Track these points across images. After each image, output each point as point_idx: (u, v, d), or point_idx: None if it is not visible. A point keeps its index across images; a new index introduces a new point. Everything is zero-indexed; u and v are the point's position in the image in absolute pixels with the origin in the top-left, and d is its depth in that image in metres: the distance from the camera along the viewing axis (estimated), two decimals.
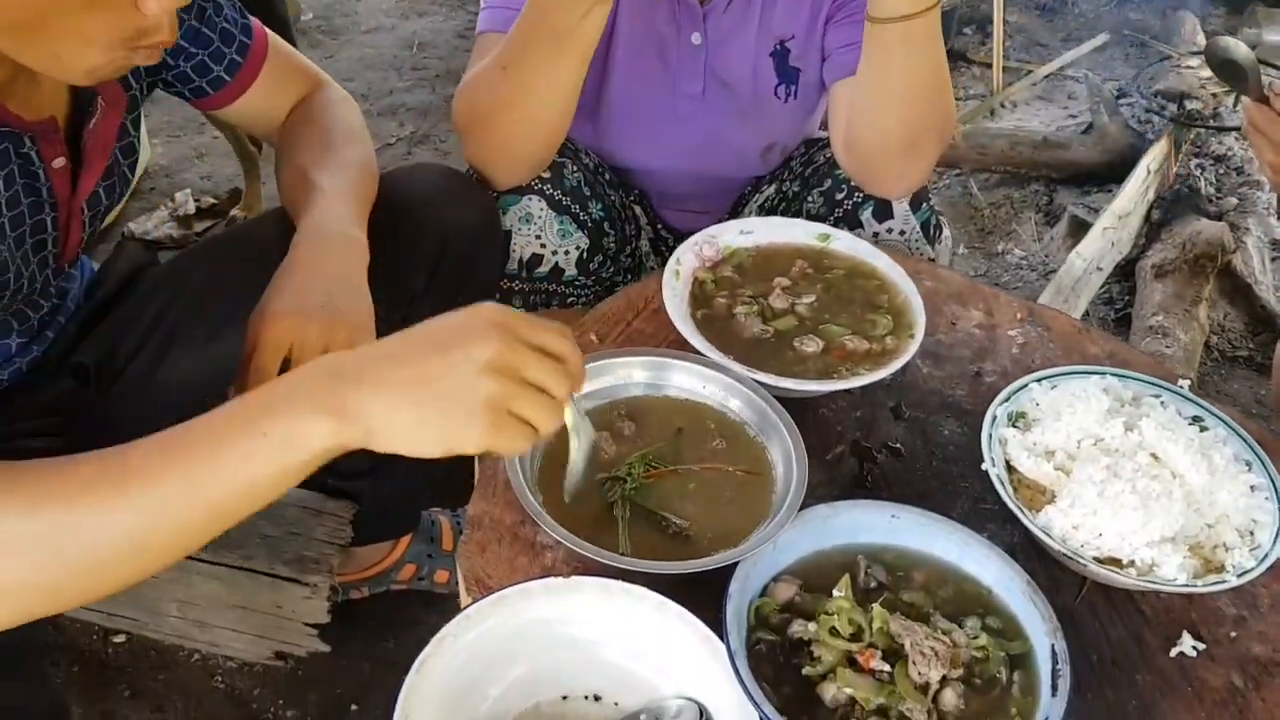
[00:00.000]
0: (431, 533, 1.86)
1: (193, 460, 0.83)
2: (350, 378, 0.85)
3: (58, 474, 0.83)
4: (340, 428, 0.84)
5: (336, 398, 0.84)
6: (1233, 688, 1.08)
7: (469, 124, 1.55)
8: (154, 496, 0.82)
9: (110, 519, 0.81)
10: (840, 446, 1.29)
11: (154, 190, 2.94)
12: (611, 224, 1.69)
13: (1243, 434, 1.24)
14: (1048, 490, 1.18)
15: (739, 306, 1.35)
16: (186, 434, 0.84)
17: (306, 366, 0.88)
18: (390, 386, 0.85)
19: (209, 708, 1.71)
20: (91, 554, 0.82)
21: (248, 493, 0.84)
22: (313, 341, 1.16)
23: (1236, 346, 2.56)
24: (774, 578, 1.08)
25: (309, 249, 1.24)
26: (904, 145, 1.53)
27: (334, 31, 3.79)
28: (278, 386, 0.87)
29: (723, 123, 1.70)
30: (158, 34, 1.02)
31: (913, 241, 1.63)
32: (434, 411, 0.85)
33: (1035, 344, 1.45)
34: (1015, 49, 3.84)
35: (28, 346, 1.36)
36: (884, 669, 0.98)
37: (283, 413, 0.83)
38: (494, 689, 0.99)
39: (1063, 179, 3.05)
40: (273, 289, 1.21)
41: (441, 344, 0.86)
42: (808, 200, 1.67)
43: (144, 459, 0.83)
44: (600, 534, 1.09)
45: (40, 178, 1.18)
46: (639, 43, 1.65)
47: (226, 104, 1.42)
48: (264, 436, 0.83)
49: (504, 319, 0.88)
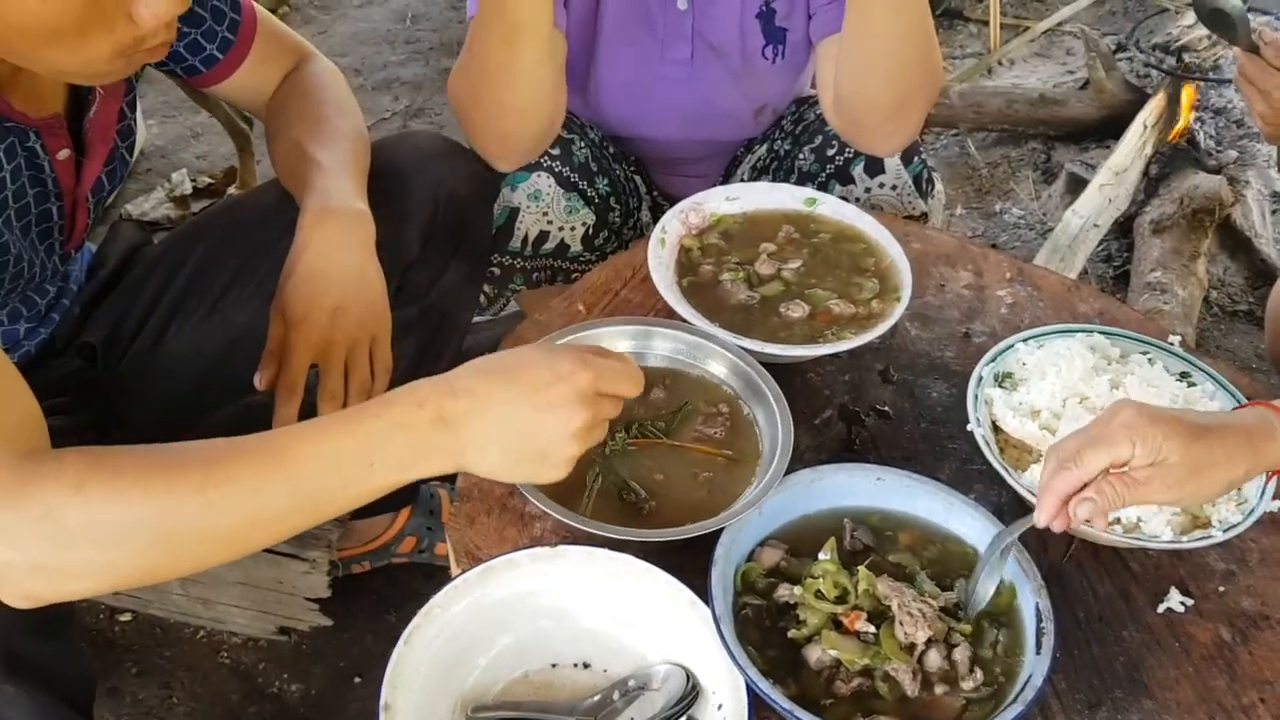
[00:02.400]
0: (430, 505, 1.87)
1: (302, 473, 0.90)
2: (452, 427, 0.93)
3: (163, 464, 0.88)
4: (439, 467, 0.94)
5: (437, 442, 0.93)
6: (1220, 642, 1.08)
7: (459, 113, 1.56)
8: (257, 498, 0.89)
9: (213, 516, 0.88)
10: (828, 411, 1.29)
11: (150, 171, 2.94)
12: (617, 198, 1.70)
13: (1230, 389, 1.23)
14: (1034, 450, 1.18)
15: (725, 273, 1.35)
16: (294, 442, 0.91)
17: (409, 399, 0.94)
18: (489, 442, 0.94)
19: (215, 683, 1.73)
20: (188, 543, 0.89)
21: (342, 504, 0.93)
22: (339, 339, 1.22)
23: (1236, 301, 2.54)
24: (760, 543, 1.09)
25: (318, 232, 1.25)
26: (891, 105, 1.52)
27: (327, 6, 3.77)
28: (383, 415, 0.92)
29: (713, 86, 1.69)
30: (157, 38, 1.03)
31: (905, 196, 1.62)
32: (526, 464, 0.97)
33: (1025, 303, 1.45)
34: (1012, 5, 3.79)
35: (35, 330, 1.38)
36: (869, 630, 0.99)
37: (388, 452, 0.92)
38: (482, 659, 1.00)
39: (1060, 136, 3.03)
40: (290, 283, 1.23)
41: (539, 408, 0.94)
42: (799, 158, 1.67)
43: (251, 464, 0.90)
44: (581, 503, 1.11)
45: (46, 169, 1.20)
46: (626, 12, 1.64)
47: (220, 80, 1.42)
48: (370, 467, 0.91)
49: (590, 383, 0.95)
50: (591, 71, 1.69)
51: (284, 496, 0.90)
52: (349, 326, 1.23)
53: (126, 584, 0.93)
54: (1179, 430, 0.95)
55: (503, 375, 0.95)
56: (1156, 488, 0.96)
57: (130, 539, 0.87)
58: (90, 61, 1.01)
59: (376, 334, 1.26)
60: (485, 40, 1.45)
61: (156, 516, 0.86)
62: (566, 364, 0.94)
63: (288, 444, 0.91)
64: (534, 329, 1.34)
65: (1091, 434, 0.97)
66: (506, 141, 1.56)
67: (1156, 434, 0.94)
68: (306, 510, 0.91)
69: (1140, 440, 0.94)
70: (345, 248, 1.25)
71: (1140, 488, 0.95)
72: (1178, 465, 0.95)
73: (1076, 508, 0.96)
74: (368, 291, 1.26)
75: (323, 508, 0.92)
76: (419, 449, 0.92)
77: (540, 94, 1.50)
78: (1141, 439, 0.94)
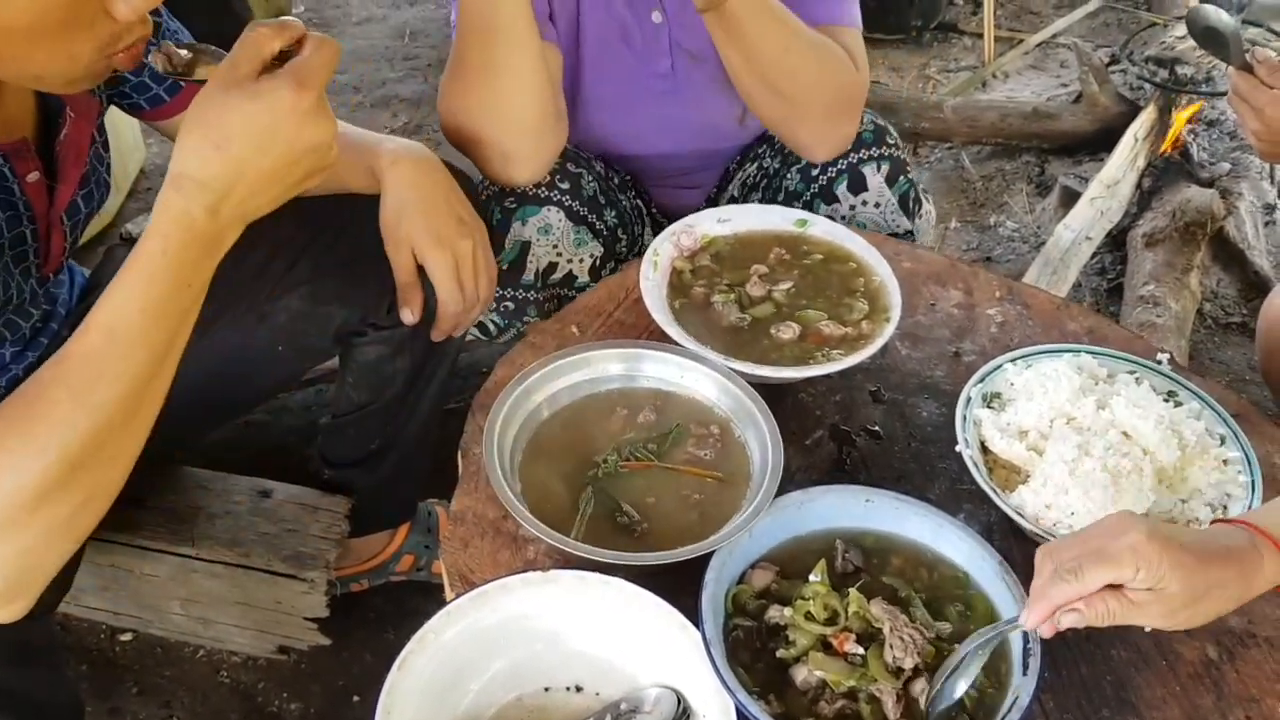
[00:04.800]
0: (428, 524, 1.89)
1: (146, 330, 0.97)
2: (226, 201, 0.99)
3: (27, 406, 0.94)
4: (238, 231, 1.02)
5: (224, 223, 1.01)
6: (1207, 660, 1.09)
7: (453, 134, 1.57)
8: (125, 378, 0.96)
9: (100, 414, 0.94)
10: (819, 431, 1.30)
11: (150, 190, 2.96)
12: (624, 229, 1.72)
13: (1217, 408, 1.25)
14: (1022, 470, 1.19)
15: (716, 295, 1.36)
16: (118, 315, 0.97)
17: (176, 215, 0.98)
18: (259, 187, 1.01)
19: (215, 702, 1.74)
20: (101, 449, 0.95)
21: (191, 320, 1.02)
22: (468, 252, 1.38)
23: (1230, 313, 2.56)
24: (751, 565, 1.10)
25: (403, 171, 1.36)
26: (780, 121, 1.59)
27: (325, 24, 3.80)
28: (169, 242, 0.98)
29: (695, 95, 1.71)
30: (133, 34, 1.04)
31: (889, 214, 1.64)
32: (299, 172, 1.03)
33: (1014, 322, 1.46)
34: (1006, 18, 3.82)
35: (22, 354, 1.39)
36: (857, 652, 1.00)
37: (192, 262, 1.00)
38: (475, 683, 1.02)
39: (1054, 149, 3.04)
40: (403, 218, 1.35)
41: (270, 134, 0.99)
42: (786, 177, 1.69)
43: (101, 356, 0.96)
44: (574, 526, 1.12)
45: (15, 193, 1.20)
46: (604, 31, 1.66)
47: (163, 119, 1.43)
48: (189, 286, 1.00)
49: (296, 90, 0.98)
50: (578, 92, 1.71)
51: (145, 358, 0.96)
52: (477, 234, 1.39)
53: (81, 520, 0.96)
54: (1184, 561, 0.93)
55: (228, 143, 0.97)
56: (1152, 613, 0.94)
57: (48, 480, 0.92)
58: (72, 61, 1.02)
59: (476, 238, 1.40)
60: (465, 40, 1.48)
61: (57, 451, 0.92)
62: (273, 97, 0.97)
63: (114, 322, 0.96)
64: (528, 351, 1.35)
65: (1093, 547, 0.94)
66: (505, 150, 1.55)
67: (1164, 563, 0.92)
68: (174, 352, 1.00)
69: (1146, 567, 0.92)
70: (431, 175, 1.38)
71: (1135, 610, 0.94)
72: (1177, 595, 0.93)
73: (1063, 616, 0.94)
74: (465, 201, 1.41)
75: (177, 343, 1.00)
76: (214, 238, 0.99)
77: (531, 98, 1.50)
78: (1147, 565, 0.92)
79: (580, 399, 1.25)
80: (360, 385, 1.62)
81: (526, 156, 1.57)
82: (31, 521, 0.92)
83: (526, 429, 1.21)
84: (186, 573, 1.69)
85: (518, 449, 1.19)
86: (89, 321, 0.96)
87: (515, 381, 1.21)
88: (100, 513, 0.98)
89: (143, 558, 1.69)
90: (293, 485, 1.78)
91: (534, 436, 1.21)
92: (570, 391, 1.25)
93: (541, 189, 1.61)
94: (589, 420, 1.23)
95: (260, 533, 1.70)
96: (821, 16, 1.57)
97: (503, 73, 1.48)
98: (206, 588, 1.70)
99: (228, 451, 2.04)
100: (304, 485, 1.78)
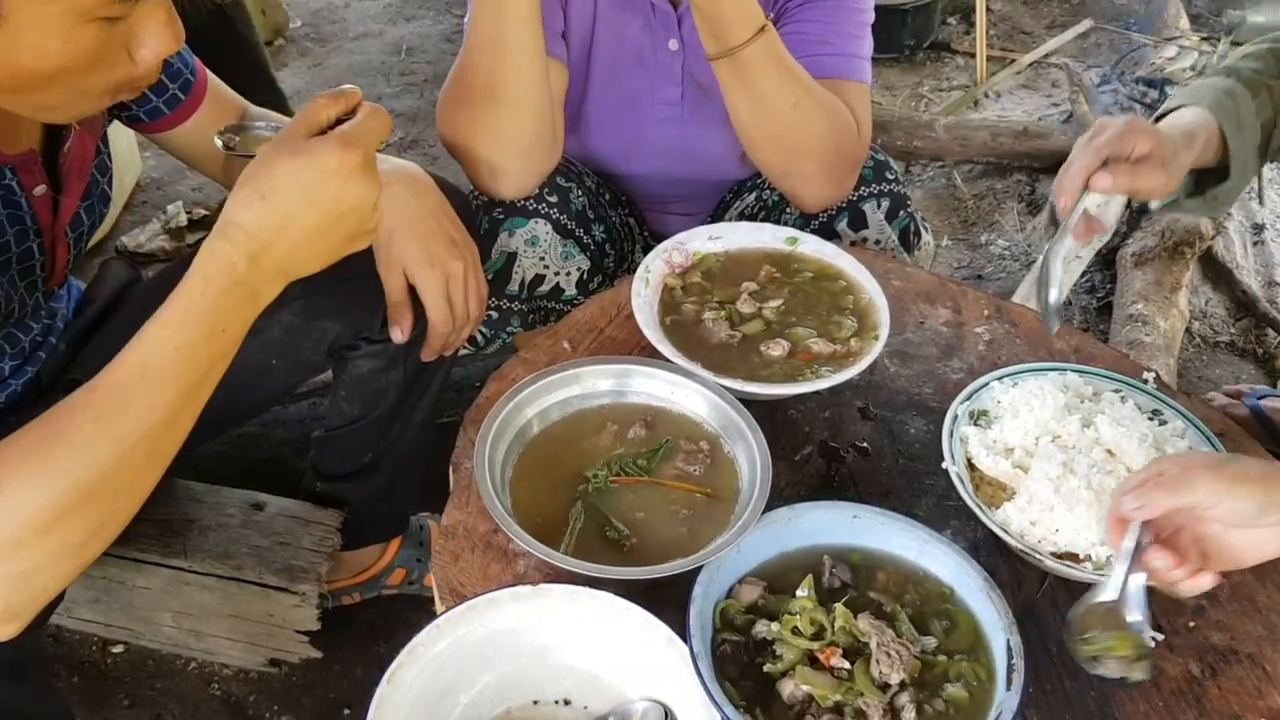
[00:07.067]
0: (420, 537, 1.89)
1: (178, 371, 0.98)
2: (267, 253, 1.01)
3: (55, 431, 0.94)
4: (277, 287, 1.03)
5: (263, 273, 1.02)
6: (1190, 676, 1.10)
7: (449, 142, 1.58)
8: (152, 413, 0.97)
9: (122, 447, 0.95)
10: (808, 447, 1.32)
11: (146, 203, 2.97)
12: (613, 244, 1.73)
13: (1200, 426, 1.26)
14: (1008, 487, 1.20)
15: (707, 312, 1.38)
16: (152, 352, 0.99)
17: (220, 259, 1.00)
18: (300, 243, 1.02)
19: (206, 715, 1.74)
20: (117, 481, 0.96)
21: (221, 371, 1.02)
22: (459, 273, 1.39)
23: (1218, 332, 2.58)
24: (739, 580, 1.11)
25: (396, 192, 1.35)
26: (781, 173, 1.58)
27: (322, 39, 3.82)
28: (210, 286, 1.00)
29: (701, 127, 1.72)
30: (150, 77, 1.08)
31: (889, 250, 1.65)
32: (339, 235, 1.05)
33: (1002, 340, 1.47)
34: (998, 37, 3.85)
35: (21, 368, 1.40)
36: (844, 667, 1.01)
37: (230, 309, 1.01)
38: (465, 696, 1.02)
39: (1045, 168, 3.07)
40: (395, 238, 1.35)
41: (315, 191, 1.01)
42: (786, 211, 1.70)
43: (130, 389, 0.96)
44: (563, 541, 1.13)
45: (23, 206, 1.22)
46: (617, 52, 1.67)
47: (160, 131, 1.45)
48: (224, 333, 1.01)
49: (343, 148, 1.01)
50: (583, 109, 1.72)
51: (173, 395, 0.97)
52: (468, 256, 1.41)
53: (90, 548, 0.96)
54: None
55: (274, 194, 0.99)
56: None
57: (63, 504, 0.92)
58: (82, 97, 1.04)
59: (468, 259, 1.41)
60: (470, 58, 1.49)
61: (75, 476, 0.92)
62: (319, 155, 0.99)
63: (148, 357, 0.97)
64: (521, 366, 1.36)
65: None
66: (494, 166, 1.57)
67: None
68: (201, 395, 1.01)
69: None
70: (423, 197, 1.38)
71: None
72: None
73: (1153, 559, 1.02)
74: (456, 222, 1.41)
75: (205, 386, 1.01)
76: (253, 290, 1.01)
77: (534, 109, 1.51)
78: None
79: (571, 414, 1.26)
80: (353, 398, 1.64)
81: (515, 174, 1.58)
82: (41, 544, 0.92)
83: (518, 444, 1.22)
84: (178, 585, 1.69)
85: (509, 463, 1.20)
86: (124, 353, 0.97)
87: (507, 396, 1.22)
88: (108, 541, 0.98)
89: (135, 570, 1.69)
90: (285, 498, 1.78)
91: (525, 451, 1.23)
92: (561, 406, 1.26)
93: (530, 201, 1.62)
94: (579, 435, 1.24)
95: (252, 545, 1.70)
96: (832, 70, 1.57)
97: (504, 100, 1.49)
98: (198, 600, 1.71)
99: (220, 464, 2.05)
100: (296, 498, 1.79)
